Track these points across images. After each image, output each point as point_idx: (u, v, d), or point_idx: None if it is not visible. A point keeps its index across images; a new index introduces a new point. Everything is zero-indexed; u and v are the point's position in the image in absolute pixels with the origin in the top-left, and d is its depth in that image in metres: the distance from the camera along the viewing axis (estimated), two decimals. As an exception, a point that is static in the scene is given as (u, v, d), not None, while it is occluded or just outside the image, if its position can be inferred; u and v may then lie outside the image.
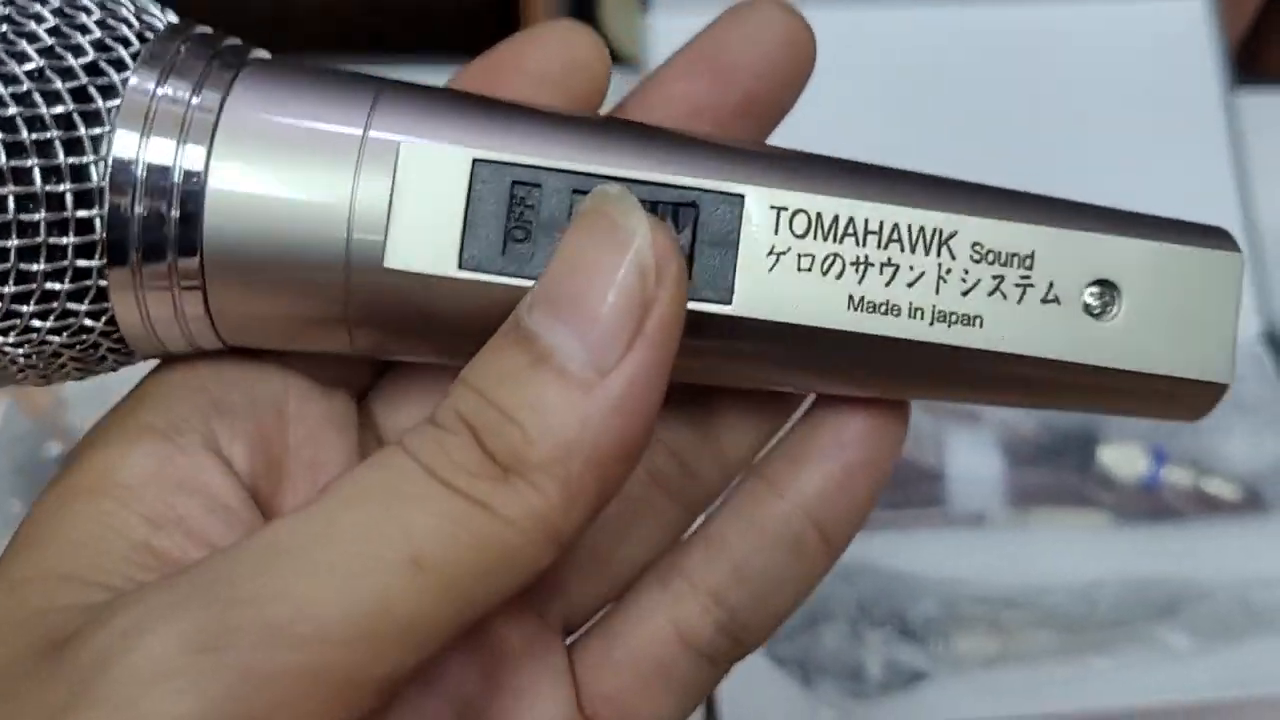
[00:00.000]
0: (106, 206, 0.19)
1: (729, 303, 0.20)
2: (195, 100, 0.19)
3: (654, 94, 0.23)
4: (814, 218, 0.20)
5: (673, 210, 0.19)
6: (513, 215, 0.19)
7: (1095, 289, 0.20)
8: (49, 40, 0.19)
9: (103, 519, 0.19)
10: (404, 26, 0.82)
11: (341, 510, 0.17)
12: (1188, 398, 0.21)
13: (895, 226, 0.20)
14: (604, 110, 0.23)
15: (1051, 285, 0.20)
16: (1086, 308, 0.20)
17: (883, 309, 0.20)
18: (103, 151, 0.18)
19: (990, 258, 0.20)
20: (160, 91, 0.19)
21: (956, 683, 0.53)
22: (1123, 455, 0.61)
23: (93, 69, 0.19)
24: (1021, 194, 0.21)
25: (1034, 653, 0.54)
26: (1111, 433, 0.62)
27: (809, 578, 0.23)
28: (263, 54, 0.21)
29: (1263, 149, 0.70)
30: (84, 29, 0.19)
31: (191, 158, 0.19)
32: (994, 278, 0.20)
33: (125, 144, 0.19)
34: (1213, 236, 0.21)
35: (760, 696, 0.53)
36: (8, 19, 0.19)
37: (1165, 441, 0.63)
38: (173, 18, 0.20)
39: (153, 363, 0.22)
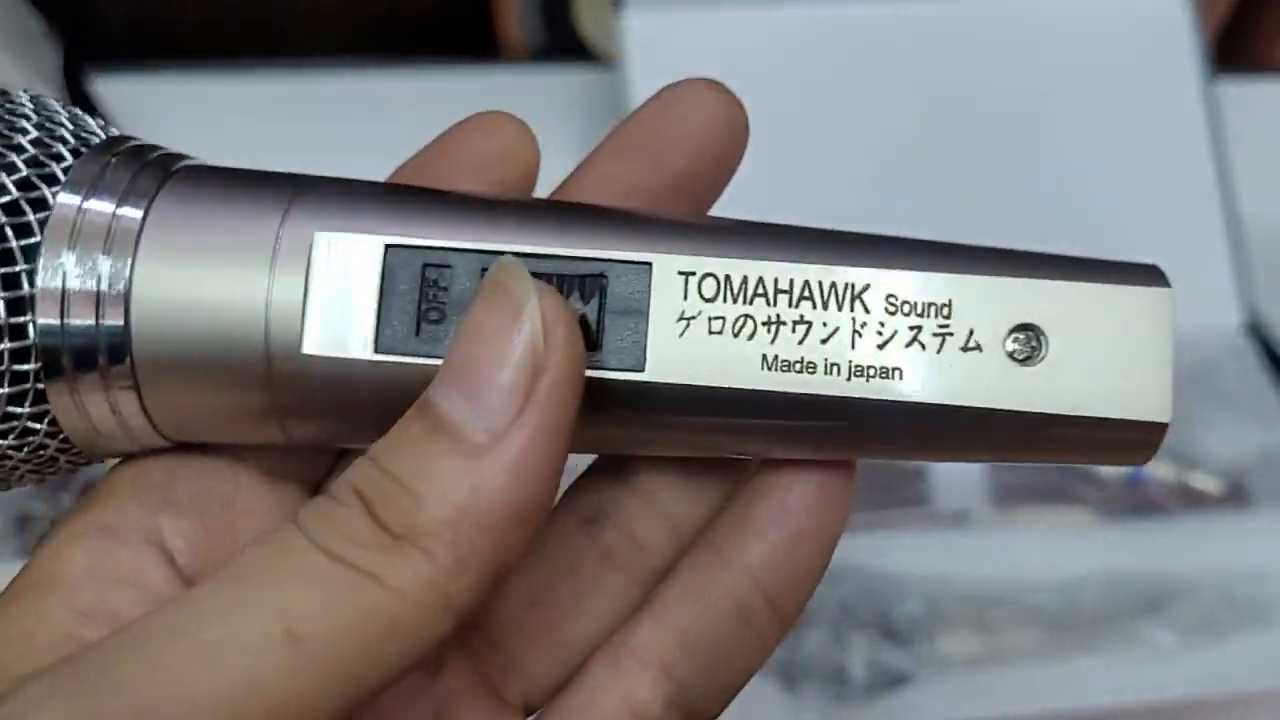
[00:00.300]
0: (38, 315, 0.19)
1: (642, 370, 0.20)
2: (121, 211, 0.20)
3: (587, 177, 0.23)
4: (722, 280, 0.20)
5: (580, 282, 0.20)
6: (426, 297, 0.20)
7: (1019, 334, 0.20)
8: None
9: (36, 613, 0.19)
10: (375, 27, 0.82)
11: (220, 588, 0.18)
12: (1128, 440, 0.21)
13: (806, 284, 0.20)
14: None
15: (971, 333, 0.20)
16: (1010, 354, 0.20)
17: (797, 367, 0.20)
18: (35, 262, 0.19)
19: (906, 309, 0.20)
20: (87, 205, 0.20)
21: (941, 684, 0.53)
22: (1106, 450, 0.61)
23: (25, 184, 0.20)
24: (937, 243, 0.21)
25: (1019, 652, 0.54)
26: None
27: (759, 649, 0.23)
28: (192, 160, 0.21)
29: (1243, 138, 0.70)
30: (19, 149, 0.20)
31: (116, 267, 0.19)
32: (910, 329, 0.20)
33: (53, 255, 0.19)
34: (1141, 273, 0.21)
35: (742, 703, 0.52)
36: None
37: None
38: (114, 132, 0.21)
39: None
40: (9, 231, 0.19)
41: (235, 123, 0.79)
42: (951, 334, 0.20)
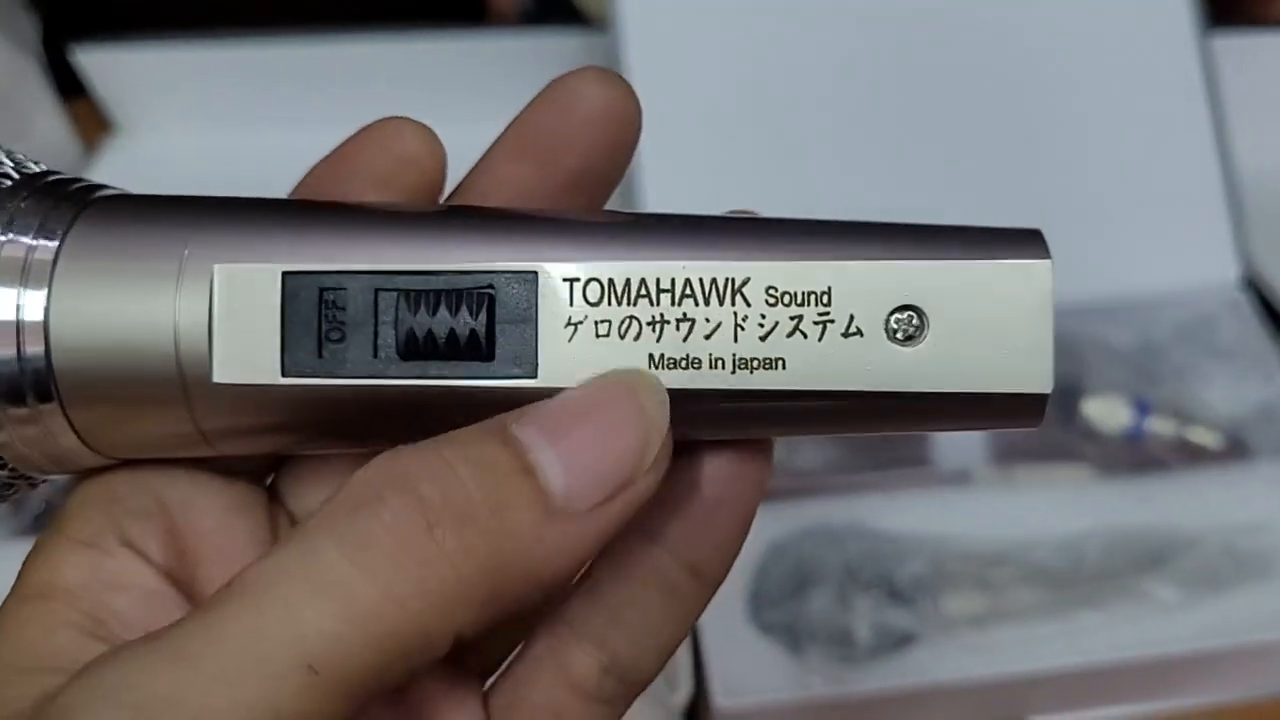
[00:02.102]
0: None
1: (535, 377, 0.20)
2: (36, 243, 0.20)
3: (483, 180, 0.23)
4: (606, 284, 0.20)
5: (469, 295, 0.20)
6: (325, 319, 0.20)
7: (900, 316, 0.21)
8: None
9: (50, 617, 0.20)
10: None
11: (238, 610, 0.18)
12: (1013, 410, 0.21)
13: (687, 281, 0.20)
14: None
15: (852, 318, 0.20)
16: (892, 336, 0.21)
17: (683, 363, 0.20)
18: None
19: (786, 299, 0.20)
20: (2, 239, 0.20)
21: (946, 643, 0.53)
22: (1106, 407, 0.61)
23: None
24: (819, 225, 0.21)
25: (1022, 610, 0.55)
26: (1094, 385, 0.62)
27: (687, 615, 0.24)
28: (110, 191, 0.22)
29: (1239, 92, 0.69)
30: None
31: (33, 302, 0.20)
32: (791, 318, 0.20)
33: None
34: (1022, 244, 0.21)
35: (748, 664, 0.53)
36: None
37: (1147, 391, 0.63)
38: (39, 168, 0.22)
39: None
40: None
41: (219, 92, 0.78)
42: (832, 321, 0.20)
